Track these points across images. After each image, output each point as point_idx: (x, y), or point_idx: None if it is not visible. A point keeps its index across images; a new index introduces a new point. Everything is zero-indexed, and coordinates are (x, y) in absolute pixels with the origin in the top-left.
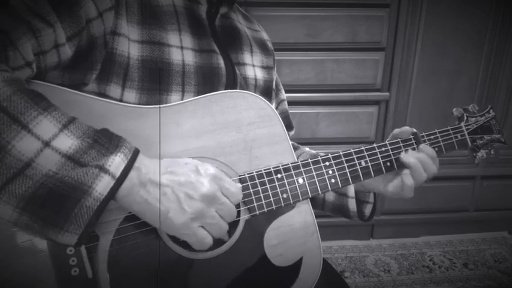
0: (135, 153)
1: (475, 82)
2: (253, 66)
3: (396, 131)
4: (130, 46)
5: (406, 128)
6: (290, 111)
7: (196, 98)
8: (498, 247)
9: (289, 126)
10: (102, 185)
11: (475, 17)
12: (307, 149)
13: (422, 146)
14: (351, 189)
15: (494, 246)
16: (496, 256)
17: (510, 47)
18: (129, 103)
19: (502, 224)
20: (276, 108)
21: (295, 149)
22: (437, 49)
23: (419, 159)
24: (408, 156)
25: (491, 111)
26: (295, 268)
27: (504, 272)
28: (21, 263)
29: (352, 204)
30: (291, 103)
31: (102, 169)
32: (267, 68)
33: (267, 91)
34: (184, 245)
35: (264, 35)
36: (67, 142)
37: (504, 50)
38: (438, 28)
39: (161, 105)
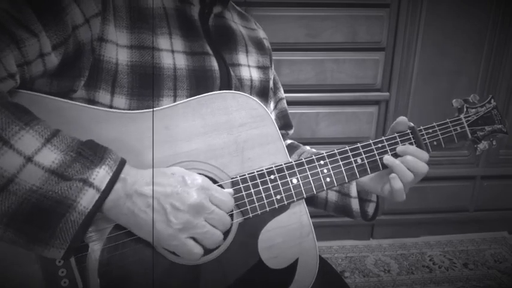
0: (121, 164)
1: (475, 82)
2: (248, 67)
3: (393, 124)
4: (118, 52)
5: (401, 118)
6: (290, 111)
7: (186, 100)
8: (498, 247)
9: (288, 125)
10: (87, 199)
11: (475, 17)
12: (307, 147)
13: (404, 147)
14: (353, 189)
15: (494, 246)
16: (496, 256)
17: (510, 47)
18: (119, 109)
19: (502, 224)
20: (275, 107)
21: (296, 148)
22: (437, 49)
23: (402, 160)
24: (389, 158)
25: (492, 101)
26: (291, 270)
27: (504, 272)
28: (10, 275)
29: (355, 205)
30: (291, 103)
31: (86, 182)
32: (263, 68)
33: (264, 91)
34: None
35: (261, 34)
36: (50, 156)
37: (504, 50)
38: (438, 28)
39: (150, 110)
